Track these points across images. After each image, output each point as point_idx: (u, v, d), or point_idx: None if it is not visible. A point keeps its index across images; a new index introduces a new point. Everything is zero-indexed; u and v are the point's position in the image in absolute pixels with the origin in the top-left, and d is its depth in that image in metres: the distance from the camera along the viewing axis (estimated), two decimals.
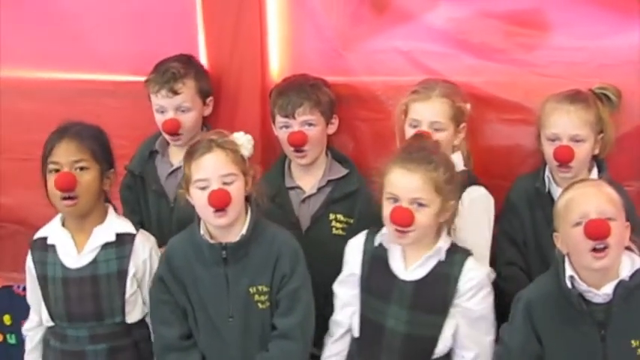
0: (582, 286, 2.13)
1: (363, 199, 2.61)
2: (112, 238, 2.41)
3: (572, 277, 2.14)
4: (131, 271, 2.42)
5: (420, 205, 2.19)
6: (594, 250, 2.07)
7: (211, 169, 2.26)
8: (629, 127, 2.57)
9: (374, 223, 2.38)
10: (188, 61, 2.76)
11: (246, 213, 2.34)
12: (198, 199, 2.27)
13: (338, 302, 2.39)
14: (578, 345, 2.15)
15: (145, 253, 2.45)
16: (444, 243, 2.27)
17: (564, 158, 2.41)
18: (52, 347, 2.48)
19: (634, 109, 2.56)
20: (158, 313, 2.39)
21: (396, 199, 2.21)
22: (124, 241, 2.43)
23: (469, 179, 2.51)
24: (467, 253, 2.29)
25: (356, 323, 2.35)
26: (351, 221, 2.63)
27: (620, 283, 2.11)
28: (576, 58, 2.62)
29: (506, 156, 2.73)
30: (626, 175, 2.53)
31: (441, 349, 2.27)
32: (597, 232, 2.05)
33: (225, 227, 2.30)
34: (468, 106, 2.58)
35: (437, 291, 2.25)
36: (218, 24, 2.87)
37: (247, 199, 2.34)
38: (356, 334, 2.36)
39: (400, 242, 2.25)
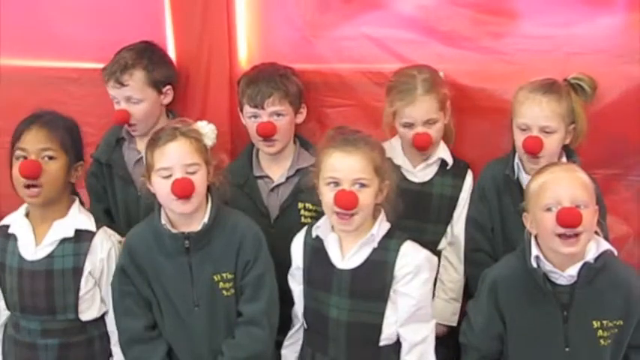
0: (547, 266, 2.16)
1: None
2: (71, 234, 2.37)
3: (537, 257, 2.17)
4: (87, 268, 2.37)
5: (362, 185, 2.21)
6: (564, 235, 2.09)
7: (175, 158, 2.24)
8: (594, 114, 2.56)
9: None
10: (142, 51, 2.72)
11: (207, 202, 2.32)
12: (161, 187, 2.26)
13: (294, 295, 2.41)
14: (540, 325, 2.19)
15: (104, 252, 2.40)
16: (377, 229, 2.27)
17: (533, 149, 2.43)
18: (8, 335, 2.46)
19: (602, 97, 2.56)
20: (121, 304, 2.37)
21: (337, 183, 2.22)
22: (82, 237, 2.38)
23: (461, 163, 2.63)
24: (403, 237, 2.29)
25: (302, 314, 2.38)
26: (320, 210, 2.60)
27: (585, 265, 2.14)
28: (544, 46, 2.63)
29: (474, 143, 2.73)
30: (593, 163, 2.54)
31: (386, 336, 2.27)
32: (569, 220, 2.07)
33: (187, 215, 2.29)
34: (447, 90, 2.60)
35: (374, 278, 2.26)
36: (186, 11, 2.84)
37: (208, 188, 2.33)
38: (305, 325, 2.38)
39: (344, 229, 2.25)
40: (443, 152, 2.65)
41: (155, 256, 2.32)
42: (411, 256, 2.26)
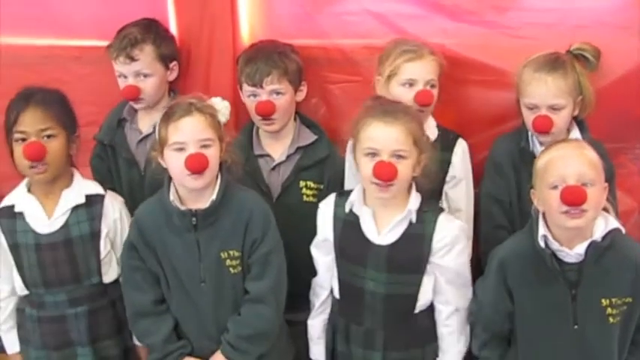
0: (555, 245, 2.15)
1: (333, 164, 2.62)
2: (82, 200, 2.41)
3: (545, 237, 2.16)
4: (103, 231, 2.43)
5: (400, 157, 2.20)
6: (568, 212, 2.07)
7: (190, 133, 2.24)
8: (600, 88, 2.53)
9: (343, 188, 2.38)
10: (148, 26, 2.72)
11: (217, 179, 2.32)
12: (174, 161, 2.25)
13: (319, 266, 2.41)
14: (549, 303, 2.19)
15: (116, 212, 2.47)
16: (413, 204, 2.27)
17: (543, 128, 2.41)
18: (28, 315, 2.47)
19: (608, 70, 2.54)
20: (130, 279, 2.39)
21: (375, 154, 2.20)
22: (93, 202, 2.43)
23: (450, 135, 2.59)
24: (438, 209, 2.31)
25: (336, 286, 2.38)
26: (322, 187, 2.62)
27: (592, 244, 2.13)
28: (550, 20, 2.60)
29: (479, 117, 2.71)
30: (599, 136, 2.51)
31: (422, 303, 2.30)
32: (573, 199, 2.06)
33: (197, 192, 2.29)
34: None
35: (411, 252, 2.27)
36: None
37: (220, 165, 2.32)
38: (337, 295, 2.38)
39: (381, 196, 2.24)
40: (427, 126, 2.53)
41: (163, 232, 2.33)
42: (447, 228, 2.27)
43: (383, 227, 2.29)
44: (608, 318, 2.16)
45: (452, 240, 2.27)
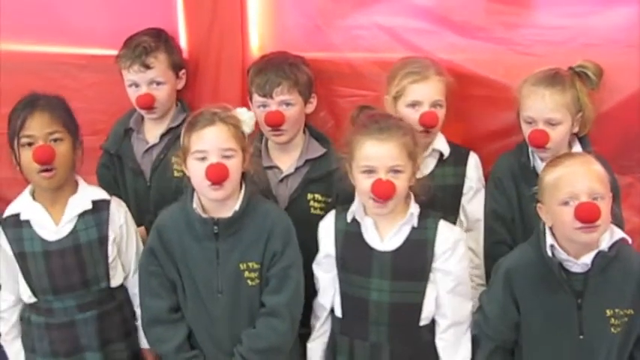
0: (562, 255, 2.17)
1: (341, 177, 2.57)
2: (89, 206, 2.41)
3: (552, 247, 2.17)
4: (111, 236, 2.43)
5: (397, 172, 2.22)
6: (582, 228, 2.08)
7: (212, 142, 2.24)
8: (609, 106, 2.55)
9: (352, 201, 2.36)
10: (158, 35, 2.74)
11: (240, 189, 2.32)
12: (196, 170, 2.25)
13: (320, 285, 2.40)
14: (555, 312, 2.20)
15: (121, 218, 2.47)
16: (414, 209, 2.29)
17: (538, 143, 2.43)
18: (34, 323, 2.45)
19: (617, 88, 2.54)
20: (147, 284, 2.38)
21: (372, 171, 2.22)
22: (99, 207, 2.43)
23: (462, 150, 2.61)
24: (438, 215, 2.32)
25: (337, 303, 2.36)
26: (330, 200, 2.61)
27: (599, 254, 2.15)
28: (559, 37, 2.60)
29: (487, 134, 2.72)
30: (607, 155, 2.51)
31: (425, 314, 2.30)
32: (589, 216, 2.07)
33: (220, 201, 2.28)
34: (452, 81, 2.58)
35: (415, 257, 2.28)
36: None
37: (243, 175, 2.32)
38: (339, 313, 2.37)
39: (379, 212, 2.26)
40: (438, 143, 2.61)
41: (184, 239, 2.33)
42: (448, 232, 2.30)
43: (386, 234, 2.30)
44: (611, 328, 2.18)
45: (453, 244, 2.29)
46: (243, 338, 2.33)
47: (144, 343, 2.51)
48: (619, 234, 2.18)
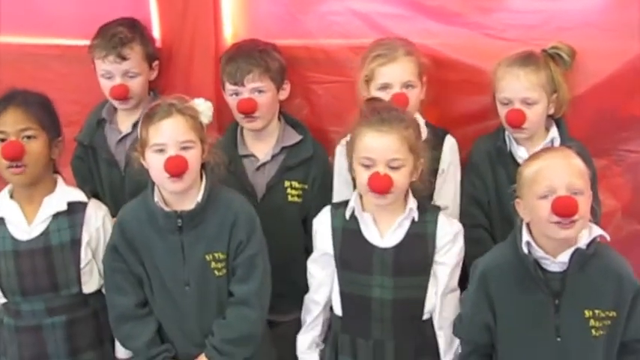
0: (539, 253, 2.13)
1: (317, 164, 2.61)
2: (64, 207, 2.37)
3: (528, 244, 2.14)
4: (84, 239, 2.38)
5: (397, 166, 2.18)
6: (559, 223, 2.06)
7: (169, 134, 2.22)
8: (584, 89, 2.55)
9: (329, 188, 2.37)
10: (133, 25, 2.71)
11: (201, 180, 2.30)
12: (154, 163, 2.23)
13: (314, 281, 2.38)
14: (531, 313, 2.15)
15: (98, 221, 2.42)
16: (412, 203, 2.27)
17: (515, 122, 2.43)
18: (5, 325, 2.42)
19: (592, 72, 2.54)
20: (112, 281, 2.36)
21: (371, 164, 2.19)
22: (75, 209, 2.39)
23: (439, 132, 2.56)
24: (437, 209, 2.31)
25: (337, 302, 2.34)
26: (306, 187, 2.61)
27: (577, 251, 2.10)
28: (533, 21, 2.59)
29: (463, 118, 2.71)
30: (583, 138, 2.51)
31: (428, 308, 2.28)
32: (565, 210, 2.04)
33: (180, 193, 2.27)
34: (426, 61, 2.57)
35: (417, 252, 2.26)
36: None
37: (203, 166, 2.30)
38: (339, 312, 2.34)
39: (379, 203, 2.23)
40: None
41: (147, 234, 2.31)
42: (448, 225, 2.28)
43: (385, 230, 2.27)
44: (591, 330, 2.11)
45: (454, 237, 2.27)
46: (214, 329, 2.32)
47: (121, 353, 2.47)
48: (597, 231, 2.13)
